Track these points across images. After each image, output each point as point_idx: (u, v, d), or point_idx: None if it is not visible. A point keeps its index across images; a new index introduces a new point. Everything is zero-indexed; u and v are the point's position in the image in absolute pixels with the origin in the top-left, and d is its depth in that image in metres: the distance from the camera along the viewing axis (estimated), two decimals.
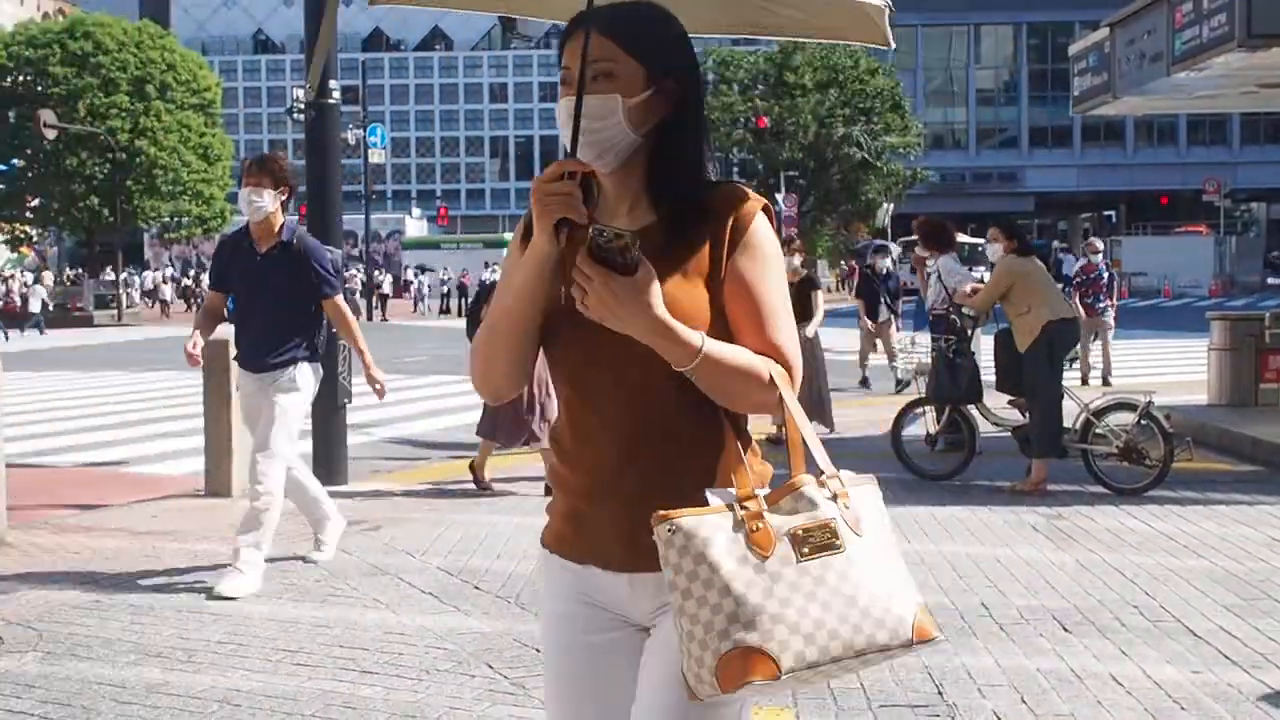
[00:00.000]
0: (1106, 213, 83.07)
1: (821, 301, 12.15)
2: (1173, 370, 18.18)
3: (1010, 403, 10.11)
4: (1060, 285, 14.06)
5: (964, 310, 9.92)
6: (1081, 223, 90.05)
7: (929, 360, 10.24)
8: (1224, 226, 61.58)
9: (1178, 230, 66.02)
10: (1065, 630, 5.55)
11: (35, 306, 42.64)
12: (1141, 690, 4.77)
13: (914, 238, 12.44)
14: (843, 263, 69.89)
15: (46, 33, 53.94)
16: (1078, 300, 16.50)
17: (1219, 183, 58.93)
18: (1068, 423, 9.23)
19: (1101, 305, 16.88)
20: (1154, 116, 71.15)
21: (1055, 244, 62.38)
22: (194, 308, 55.33)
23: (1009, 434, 10.24)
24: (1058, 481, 9.26)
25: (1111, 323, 17.16)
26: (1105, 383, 16.06)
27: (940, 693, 4.77)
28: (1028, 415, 9.43)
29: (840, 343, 23.67)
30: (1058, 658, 5.16)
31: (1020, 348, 9.14)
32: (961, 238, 23.27)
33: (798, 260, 10.24)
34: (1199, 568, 6.68)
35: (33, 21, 62.81)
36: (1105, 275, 17.17)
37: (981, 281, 10.72)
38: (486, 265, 41.09)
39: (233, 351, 9.07)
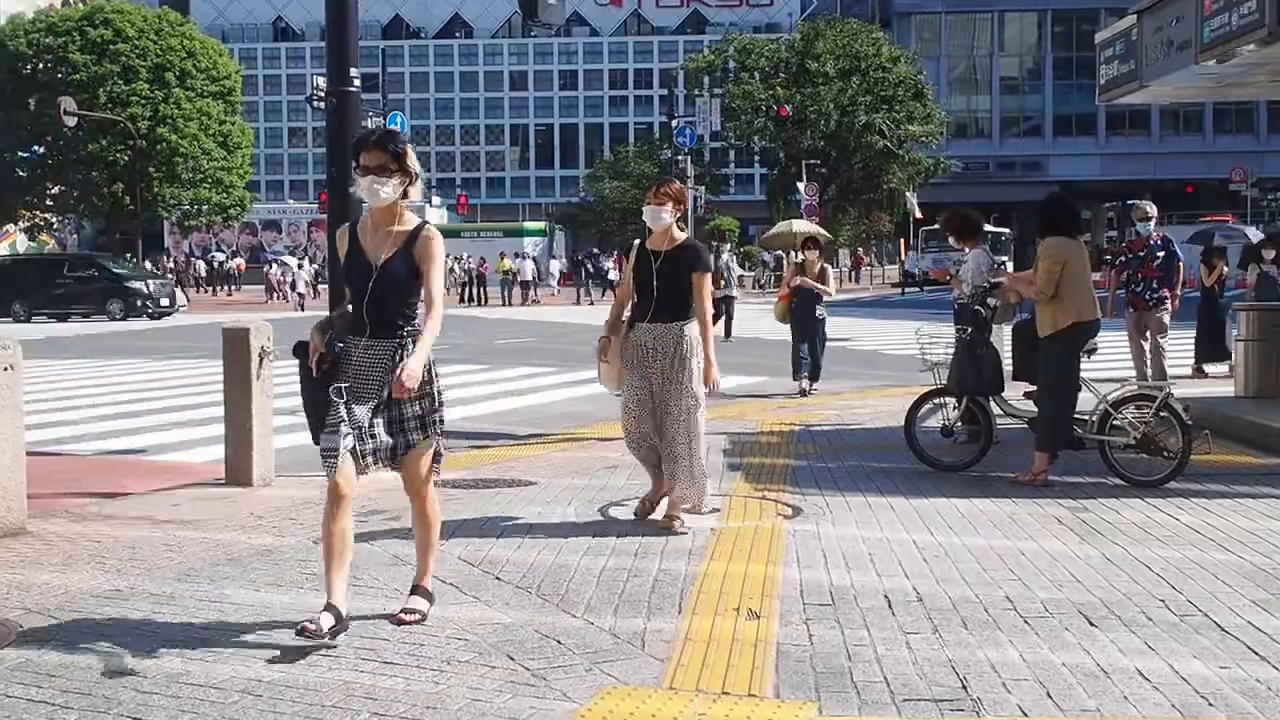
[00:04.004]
0: (1131, 202, 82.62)
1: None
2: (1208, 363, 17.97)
3: (1027, 394, 10.04)
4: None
5: (987, 301, 9.86)
6: (1105, 211, 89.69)
7: (940, 352, 10.13)
8: (1250, 216, 61.16)
9: (1204, 219, 65.59)
10: (1091, 624, 5.49)
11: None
12: (1169, 685, 4.71)
13: (934, 227, 12.29)
14: (858, 250, 69.73)
15: (66, 20, 54.05)
16: (1113, 287, 14.05)
17: (1245, 171, 58.54)
18: (1085, 413, 9.14)
19: (1154, 296, 13.43)
20: (1180, 104, 70.73)
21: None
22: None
23: (1025, 425, 10.20)
24: (1082, 474, 9.20)
25: (1166, 320, 13.58)
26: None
27: (964, 686, 4.72)
28: (1037, 405, 9.36)
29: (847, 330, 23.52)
30: (1083, 652, 5.11)
31: (1040, 333, 9.03)
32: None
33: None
34: (1226, 561, 6.61)
35: (52, 8, 62.98)
36: (1160, 255, 13.52)
37: (1000, 268, 10.64)
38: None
39: (255, 340, 9.10)
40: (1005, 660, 5.01)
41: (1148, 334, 13.56)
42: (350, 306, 5.67)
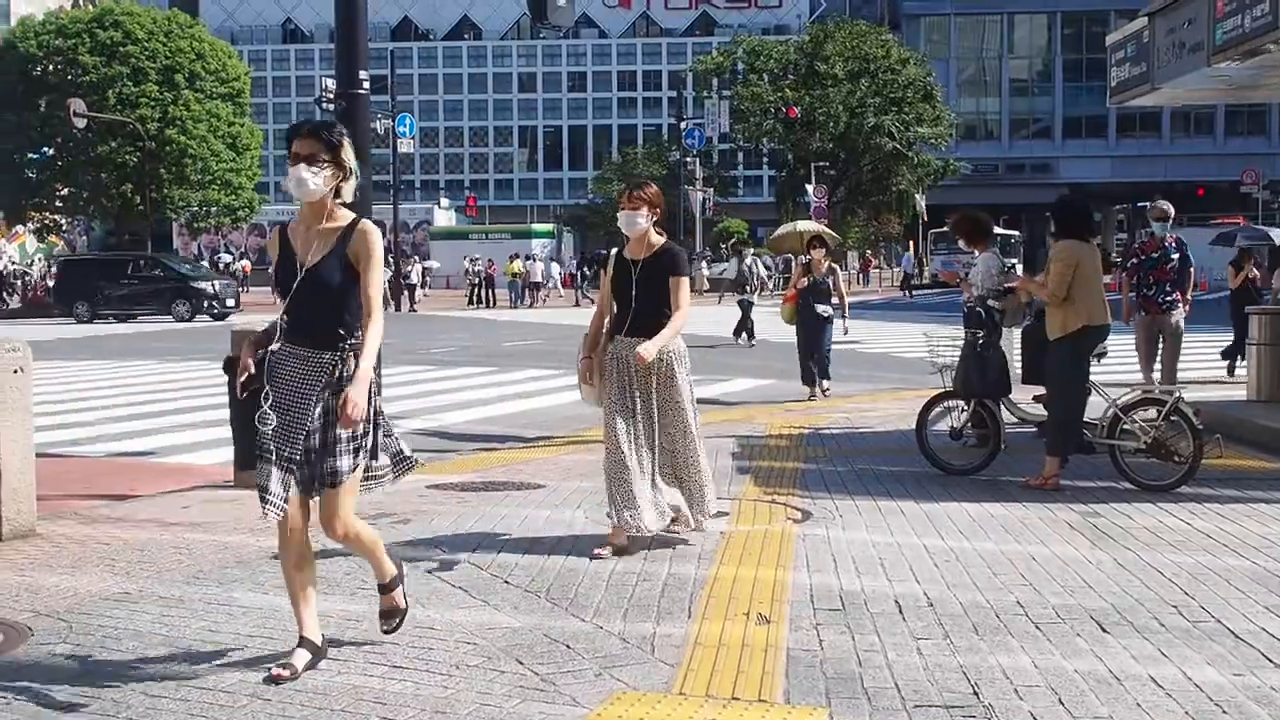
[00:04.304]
0: (1141, 204, 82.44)
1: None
2: (1212, 365, 17.89)
3: (1036, 398, 10.00)
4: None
5: (991, 304, 9.84)
6: (1115, 214, 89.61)
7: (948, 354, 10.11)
8: (1262, 218, 61.02)
9: (1215, 222, 65.44)
10: (1103, 630, 5.46)
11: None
12: (1182, 693, 4.68)
13: (943, 229, 12.17)
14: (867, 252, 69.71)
15: (76, 22, 54.08)
16: (1125, 290, 12.68)
17: (1257, 174, 58.42)
18: (1095, 418, 9.11)
19: (1167, 300, 12.34)
20: (1191, 106, 70.67)
21: None
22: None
23: (1035, 429, 10.16)
24: (1093, 478, 9.16)
25: (1179, 324, 12.46)
26: None
27: (976, 693, 4.69)
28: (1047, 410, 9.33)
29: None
30: (1095, 658, 5.08)
31: (1049, 335, 9.01)
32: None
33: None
34: (1240, 567, 6.57)
35: (62, 10, 63.04)
36: (1174, 257, 12.42)
37: (1010, 271, 10.62)
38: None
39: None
40: (1017, 666, 4.99)
41: (1160, 339, 12.48)
42: (284, 316, 5.04)
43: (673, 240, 7.38)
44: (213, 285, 40.85)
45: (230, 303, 40.59)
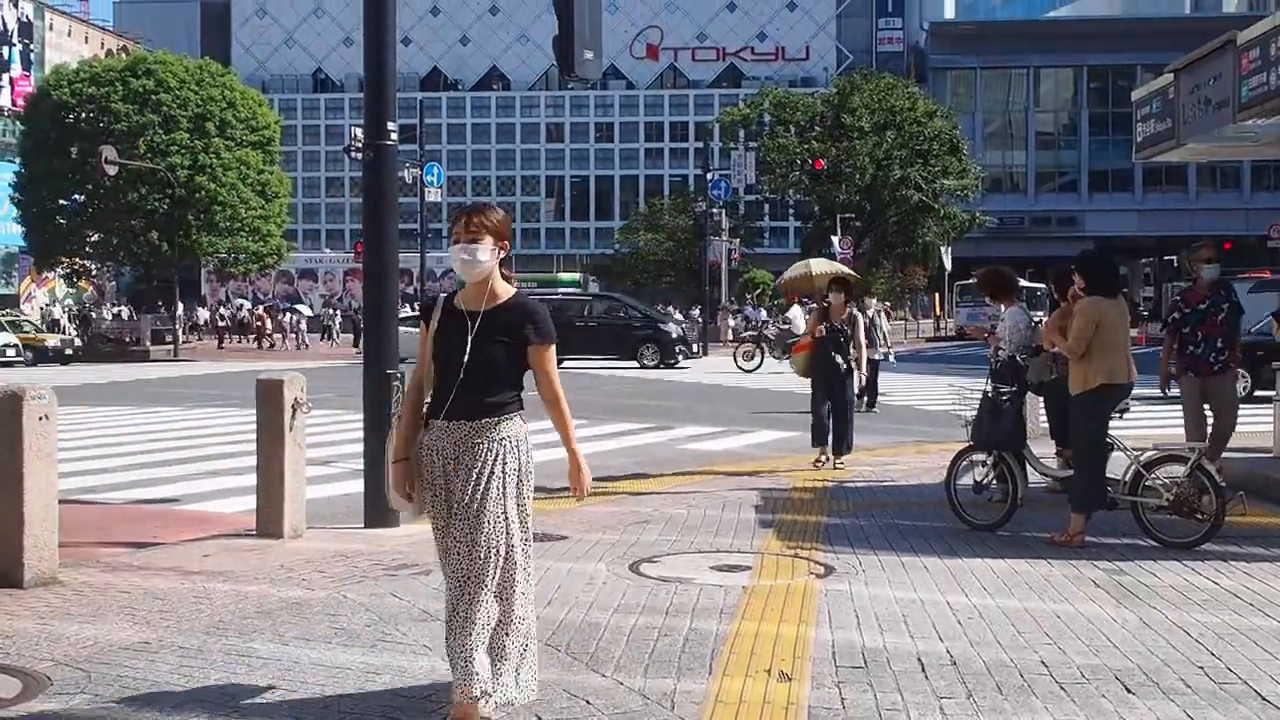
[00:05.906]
0: (1168, 257, 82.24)
1: None
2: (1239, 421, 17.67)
3: (1058, 453, 9.93)
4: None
5: (1021, 360, 9.84)
6: (1142, 267, 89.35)
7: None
8: None
9: (1242, 276, 65.08)
10: (1128, 691, 5.40)
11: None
12: None
13: (969, 281, 12.07)
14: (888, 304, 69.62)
15: (109, 70, 54.84)
16: (1167, 352, 11.03)
17: None
18: (1117, 474, 9.05)
19: (1219, 360, 10.69)
20: (1217, 162, 70.59)
21: None
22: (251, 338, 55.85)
23: (1059, 485, 10.10)
24: (1118, 535, 9.08)
25: (1235, 388, 11.02)
26: None
27: None
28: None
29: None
30: None
31: (1071, 390, 8.99)
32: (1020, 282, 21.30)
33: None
34: (1267, 627, 6.49)
35: (96, 59, 63.88)
36: (1224, 307, 10.73)
37: (1038, 325, 10.59)
38: None
39: (288, 391, 9.12)
40: None
41: (1208, 407, 10.82)
42: None
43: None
44: (679, 330, 37.18)
45: (694, 348, 37.27)
